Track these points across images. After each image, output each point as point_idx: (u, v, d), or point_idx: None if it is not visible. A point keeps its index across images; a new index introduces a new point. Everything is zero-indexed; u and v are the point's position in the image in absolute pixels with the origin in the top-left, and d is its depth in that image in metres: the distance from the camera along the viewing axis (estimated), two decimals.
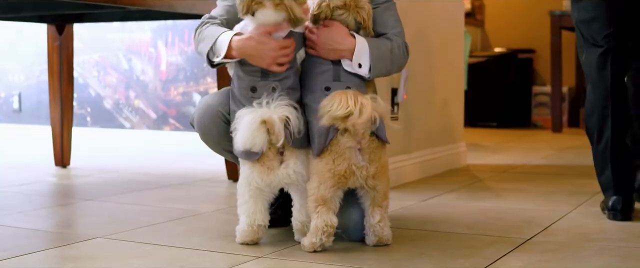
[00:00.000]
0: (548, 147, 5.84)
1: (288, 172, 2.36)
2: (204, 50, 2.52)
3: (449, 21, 4.50)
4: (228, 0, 2.68)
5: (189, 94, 5.71)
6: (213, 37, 2.49)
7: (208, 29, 2.56)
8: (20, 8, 3.83)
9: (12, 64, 6.53)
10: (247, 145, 2.30)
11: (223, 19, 2.62)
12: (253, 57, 2.43)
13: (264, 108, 2.32)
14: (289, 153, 2.37)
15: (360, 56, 2.47)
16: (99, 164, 4.64)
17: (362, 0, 2.49)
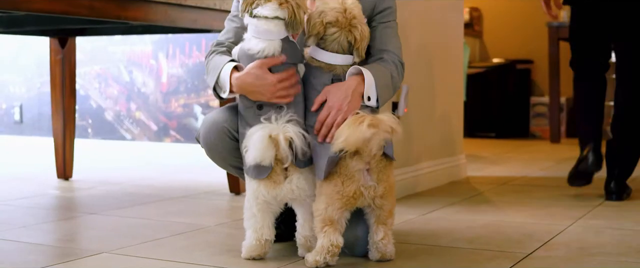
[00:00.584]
0: (547, 158, 5.86)
1: (291, 188, 2.37)
2: (210, 85, 2.55)
3: (448, 34, 4.53)
4: (236, 21, 2.70)
5: (190, 106, 5.74)
6: (216, 71, 2.51)
7: (213, 60, 2.57)
8: (23, 22, 3.86)
9: (14, 75, 6.55)
10: (258, 159, 2.32)
11: (230, 43, 2.64)
12: (253, 94, 2.44)
13: (273, 124, 2.34)
14: (293, 169, 2.39)
15: (369, 90, 2.48)
16: (101, 176, 4.66)
17: (356, 20, 2.49)
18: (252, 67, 2.43)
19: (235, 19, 2.71)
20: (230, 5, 3.70)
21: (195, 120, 5.73)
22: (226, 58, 2.54)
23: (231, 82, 2.47)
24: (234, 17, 2.72)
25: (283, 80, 2.42)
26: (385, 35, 2.68)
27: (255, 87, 2.42)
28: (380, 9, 2.70)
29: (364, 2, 2.63)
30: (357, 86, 2.46)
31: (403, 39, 2.84)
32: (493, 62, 8.43)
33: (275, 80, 2.41)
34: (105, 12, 3.17)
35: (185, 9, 3.57)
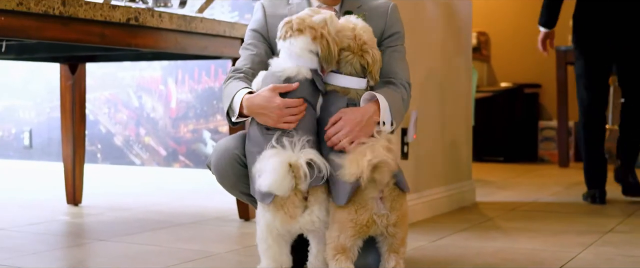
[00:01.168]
0: (556, 183, 5.85)
1: (312, 219, 2.35)
2: (225, 108, 2.57)
3: (457, 59, 4.55)
4: (251, 48, 2.73)
5: (199, 132, 5.75)
6: (230, 96, 2.54)
7: (229, 85, 2.60)
8: (35, 49, 3.89)
9: (24, 100, 6.58)
10: (273, 189, 2.29)
11: (247, 69, 2.67)
12: (259, 115, 2.46)
13: (288, 151, 2.32)
14: (314, 199, 2.36)
15: (384, 115, 2.50)
16: (111, 202, 4.67)
17: (367, 44, 2.51)
18: (263, 90, 2.46)
19: (250, 47, 2.73)
20: (240, 32, 3.74)
21: (204, 145, 5.74)
22: (242, 84, 2.58)
23: (242, 104, 2.50)
24: (249, 45, 2.75)
25: (290, 107, 2.43)
26: (393, 59, 2.71)
27: (262, 109, 2.44)
28: (389, 33, 2.73)
29: (374, 25, 2.66)
30: (373, 114, 2.48)
31: (412, 64, 2.85)
32: (501, 86, 8.43)
33: (281, 105, 2.42)
34: (116, 40, 3.20)
35: (195, 36, 3.59)
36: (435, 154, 4.25)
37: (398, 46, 2.74)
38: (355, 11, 2.71)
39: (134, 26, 3.25)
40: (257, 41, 2.74)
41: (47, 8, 2.84)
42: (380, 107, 2.49)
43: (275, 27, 2.66)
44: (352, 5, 2.75)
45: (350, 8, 2.74)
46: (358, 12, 2.71)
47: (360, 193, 2.32)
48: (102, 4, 3.07)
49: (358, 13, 2.68)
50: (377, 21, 2.71)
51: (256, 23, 2.78)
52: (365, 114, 2.47)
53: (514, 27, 8.81)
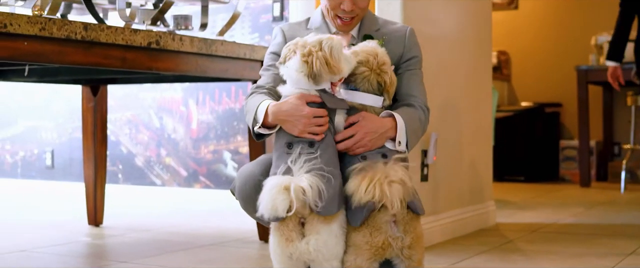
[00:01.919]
0: (577, 204, 5.82)
1: (308, 249, 2.31)
2: (249, 122, 2.58)
3: (477, 79, 4.54)
4: (271, 69, 2.74)
5: (219, 152, 5.77)
6: (254, 107, 2.55)
7: (252, 99, 2.61)
8: (57, 73, 3.93)
9: (46, 121, 6.64)
10: (265, 210, 2.27)
11: (270, 86, 2.68)
12: (286, 123, 2.45)
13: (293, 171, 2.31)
14: (310, 227, 2.32)
15: (400, 134, 2.51)
16: (132, 223, 4.69)
17: (385, 65, 2.52)
18: (291, 97, 2.47)
19: (271, 68, 2.75)
20: (260, 54, 3.76)
21: (224, 166, 5.76)
22: (266, 97, 2.58)
23: (267, 112, 2.49)
24: (269, 67, 2.76)
25: (317, 116, 2.44)
26: (411, 82, 2.73)
27: (290, 116, 2.44)
28: (407, 57, 2.75)
29: (392, 50, 2.68)
30: (389, 129, 2.51)
31: (431, 85, 2.86)
32: (521, 105, 8.41)
33: (310, 113, 2.42)
34: (137, 64, 3.22)
35: (215, 58, 3.61)
36: (455, 175, 4.24)
37: (416, 70, 2.76)
38: (374, 35, 2.72)
39: (154, 50, 3.28)
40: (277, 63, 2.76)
41: (69, 33, 2.87)
42: (397, 126, 2.51)
43: None
44: (370, 29, 2.77)
45: (368, 32, 2.75)
46: (376, 35, 2.72)
47: (374, 217, 2.33)
48: (123, 28, 3.09)
49: (377, 37, 2.70)
50: (395, 45, 2.72)
51: (276, 46, 2.80)
52: (382, 128, 2.49)
53: (534, 46, 8.80)
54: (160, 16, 3.57)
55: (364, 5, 2.70)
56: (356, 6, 2.68)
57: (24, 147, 6.77)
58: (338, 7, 2.68)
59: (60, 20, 2.85)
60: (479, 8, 4.54)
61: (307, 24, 2.84)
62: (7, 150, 6.86)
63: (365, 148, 2.47)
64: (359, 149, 2.47)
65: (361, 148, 2.47)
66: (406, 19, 3.70)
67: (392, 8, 3.71)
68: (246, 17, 5.63)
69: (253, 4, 5.61)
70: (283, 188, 2.25)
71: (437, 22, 4.04)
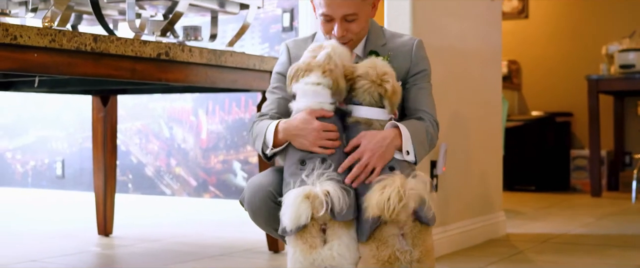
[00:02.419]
0: (588, 214, 5.80)
1: (332, 254, 2.34)
2: (258, 147, 2.59)
3: (487, 90, 4.54)
4: (278, 92, 2.74)
5: (229, 162, 5.78)
6: (263, 131, 2.56)
7: (257, 126, 2.62)
8: (67, 84, 3.94)
9: (56, 130, 6.66)
10: (290, 219, 2.30)
11: (273, 113, 2.68)
12: (296, 138, 2.47)
13: (308, 185, 2.33)
14: (332, 232, 2.35)
15: (407, 143, 2.51)
16: (141, 233, 4.69)
17: (387, 75, 2.51)
18: (300, 113, 2.49)
19: (276, 91, 2.75)
20: (270, 65, 3.76)
21: (234, 176, 5.76)
22: (271, 121, 2.59)
23: (277, 129, 2.51)
24: (275, 89, 2.76)
25: (327, 131, 2.45)
26: (420, 95, 2.72)
27: (300, 131, 2.45)
28: (415, 71, 2.73)
29: (399, 65, 2.68)
30: (393, 138, 2.49)
31: (440, 96, 2.86)
32: (532, 115, 8.39)
33: (320, 127, 2.44)
34: (146, 75, 3.23)
35: (225, 69, 3.62)
36: (464, 186, 4.23)
37: (424, 84, 2.74)
38: (379, 50, 2.71)
39: (164, 61, 3.29)
40: (283, 84, 2.75)
41: (79, 44, 2.89)
42: (402, 136, 2.50)
43: None
44: (376, 44, 2.75)
45: (374, 47, 2.74)
46: (382, 50, 2.71)
47: (381, 231, 2.33)
48: (132, 39, 3.10)
49: (383, 53, 2.69)
50: (402, 60, 2.71)
51: (281, 66, 2.80)
52: (385, 139, 2.48)
53: (545, 55, 8.79)
54: (169, 27, 3.58)
55: (356, 30, 2.67)
56: (348, 32, 2.65)
57: (35, 157, 6.79)
58: (330, 32, 2.66)
59: (70, 32, 2.86)
60: (489, 18, 4.54)
61: (312, 40, 2.84)
62: (18, 159, 6.88)
63: (375, 165, 2.44)
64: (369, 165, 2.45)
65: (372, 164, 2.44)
66: (415, 30, 3.70)
67: (401, 20, 3.71)
68: (256, 27, 5.64)
69: (263, 14, 5.62)
70: (304, 196, 2.28)
71: (446, 32, 4.04)
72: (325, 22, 2.66)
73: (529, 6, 8.91)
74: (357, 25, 2.66)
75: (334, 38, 2.66)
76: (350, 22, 2.64)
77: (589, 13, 8.56)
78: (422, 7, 3.79)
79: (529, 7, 8.91)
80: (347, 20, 2.63)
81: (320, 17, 2.66)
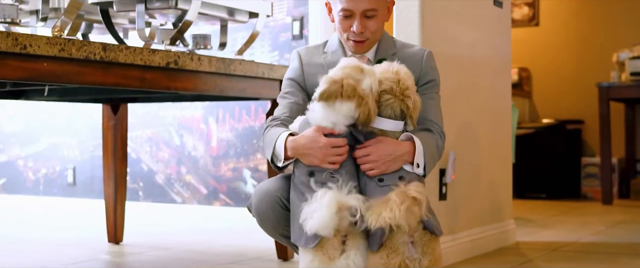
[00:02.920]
0: (598, 222, 5.78)
1: (348, 263, 2.34)
2: (268, 157, 2.61)
3: (496, 98, 4.53)
4: (289, 97, 2.76)
5: (239, 170, 5.79)
6: (272, 142, 2.57)
7: (269, 133, 2.63)
8: (77, 92, 3.96)
9: (68, 138, 6.68)
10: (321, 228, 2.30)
11: (286, 117, 2.70)
12: (304, 156, 2.48)
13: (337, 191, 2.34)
14: (351, 243, 2.37)
15: (418, 157, 2.52)
16: (151, 240, 4.70)
17: (409, 90, 2.53)
18: (308, 131, 2.50)
19: (288, 96, 2.77)
20: (279, 73, 3.77)
21: (244, 184, 5.77)
22: (282, 129, 2.61)
23: (286, 146, 2.52)
24: (286, 94, 2.79)
25: (335, 146, 2.46)
26: (428, 106, 2.73)
27: (308, 149, 2.46)
28: (424, 81, 2.76)
29: None
30: (406, 154, 2.51)
31: (449, 105, 2.87)
32: (543, 122, 8.37)
33: (327, 144, 2.45)
34: (155, 84, 3.24)
35: (234, 78, 3.63)
36: (473, 194, 4.23)
37: (433, 94, 2.76)
38: (389, 59, 2.72)
39: (173, 70, 3.30)
40: (295, 90, 2.79)
41: (88, 53, 2.90)
42: (416, 150, 2.51)
43: (311, 75, 2.72)
44: (387, 53, 2.77)
45: (384, 55, 2.76)
46: (392, 59, 2.72)
47: (391, 239, 2.34)
48: (141, 48, 3.12)
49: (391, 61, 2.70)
50: (411, 69, 2.71)
51: (293, 72, 2.83)
52: (398, 150, 2.50)
53: (555, 63, 8.77)
54: (179, 36, 3.60)
55: (374, 29, 2.71)
56: (367, 29, 2.70)
57: (46, 164, 6.82)
58: (348, 29, 2.70)
59: (79, 41, 2.88)
60: (499, 26, 4.54)
61: (324, 47, 2.86)
62: (29, 167, 6.91)
63: (379, 170, 2.47)
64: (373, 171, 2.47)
65: (376, 170, 2.47)
66: (424, 39, 3.71)
67: (410, 28, 3.71)
68: (266, 35, 5.66)
69: (273, 22, 5.64)
70: (339, 207, 2.29)
71: (455, 41, 4.04)
72: (343, 19, 2.70)
73: (540, 13, 8.90)
74: (375, 23, 2.70)
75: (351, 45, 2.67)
76: (369, 19, 2.69)
77: (599, 20, 8.54)
78: (431, 16, 3.80)
79: (540, 14, 8.90)
80: (367, 17, 2.68)
81: (339, 14, 2.70)
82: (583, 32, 8.64)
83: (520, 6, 8.92)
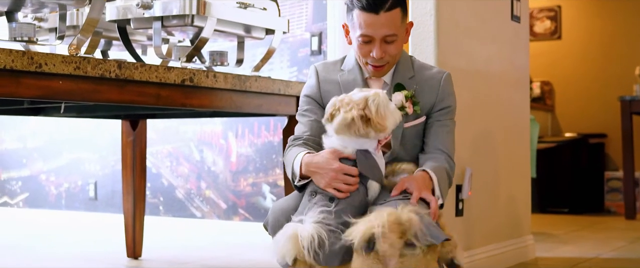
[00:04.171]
0: (620, 237, 5.73)
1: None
2: (289, 176, 2.62)
3: (514, 112, 4.52)
4: (309, 115, 2.76)
5: (258, 185, 5.80)
6: (291, 161, 2.59)
7: (289, 152, 2.66)
8: (95, 109, 4.00)
9: (89, 153, 6.73)
10: (278, 258, 2.33)
11: (307, 136, 2.71)
12: (314, 174, 2.49)
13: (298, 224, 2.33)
14: None
15: (436, 188, 2.56)
16: (170, 255, 4.72)
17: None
18: (325, 151, 2.51)
19: (307, 113, 2.78)
20: (295, 90, 3.78)
21: (263, 199, 5.78)
22: (301, 149, 2.62)
23: (301, 162, 2.53)
24: (305, 112, 2.79)
25: (346, 173, 2.45)
26: (440, 133, 2.74)
27: (319, 168, 2.47)
28: (439, 107, 2.76)
29: (425, 99, 2.71)
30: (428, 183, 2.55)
31: (466, 120, 2.86)
32: (565, 136, 8.34)
33: (339, 169, 2.45)
34: (171, 101, 3.26)
35: (250, 94, 3.64)
36: (491, 210, 4.21)
37: (447, 120, 2.76)
38: (406, 83, 2.72)
39: (188, 87, 3.31)
40: (313, 107, 2.79)
41: (104, 71, 2.92)
42: (433, 182, 2.56)
43: (328, 93, 2.73)
44: (404, 76, 2.76)
45: (402, 79, 2.75)
46: (410, 83, 2.72)
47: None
48: (157, 66, 3.14)
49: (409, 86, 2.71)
50: (428, 93, 2.73)
51: (310, 89, 2.83)
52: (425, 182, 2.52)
53: (578, 76, 8.73)
54: (195, 53, 3.62)
55: (394, 53, 2.70)
56: (386, 54, 2.68)
57: (68, 179, 6.87)
58: (368, 55, 2.69)
59: (95, 59, 2.90)
60: (516, 41, 4.53)
61: (341, 64, 2.85)
62: (52, 181, 6.97)
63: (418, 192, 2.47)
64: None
65: (416, 193, 2.47)
66: (440, 54, 3.71)
67: (425, 44, 3.72)
68: (285, 51, 5.68)
69: (291, 38, 5.65)
70: (290, 236, 2.27)
71: (471, 55, 4.03)
72: (363, 44, 2.68)
73: (562, 27, 8.87)
74: (395, 48, 2.69)
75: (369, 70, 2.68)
76: (389, 44, 2.67)
77: (621, 34, 8.50)
78: (446, 31, 3.80)
79: (562, 28, 8.87)
80: (387, 42, 2.66)
81: (358, 39, 2.68)
82: (605, 45, 8.60)
83: (542, 20, 8.90)
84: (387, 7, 2.63)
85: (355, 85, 2.70)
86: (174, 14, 3.40)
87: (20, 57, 2.64)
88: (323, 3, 5.55)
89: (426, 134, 2.75)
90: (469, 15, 4.02)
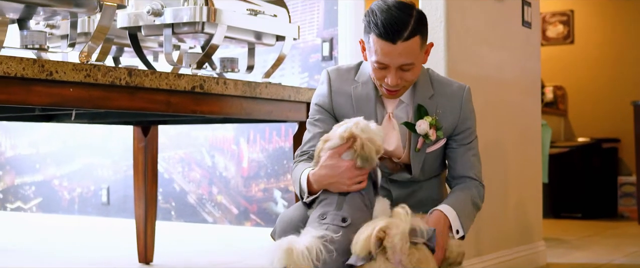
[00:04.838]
0: (632, 243, 5.71)
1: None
2: (297, 192, 2.58)
3: (525, 118, 4.51)
4: (319, 125, 2.72)
5: (269, 191, 5.81)
6: (297, 178, 2.55)
7: (296, 169, 2.61)
8: (106, 116, 4.02)
9: (102, 158, 6.76)
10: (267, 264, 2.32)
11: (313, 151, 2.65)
12: (331, 185, 2.44)
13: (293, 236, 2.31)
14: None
15: (455, 223, 2.54)
16: (181, 261, 4.73)
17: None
18: (324, 160, 2.45)
19: (318, 123, 2.73)
20: (305, 96, 3.78)
21: (274, 204, 5.79)
22: (306, 165, 2.57)
23: (309, 181, 2.49)
24: (316, 121, 2.74)
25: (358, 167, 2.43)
26: (466, 158, 2.72)
27: (332, 178, 2.43)
28: (461, 129, 2.72)
29: (447, 121, 2.67)
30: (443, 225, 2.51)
31: (478, 126, 2.84)
32: (578, 141, 8.31)
33: (350, 166, 2.42)
34: (181, 107, 3.27)
35: (260, 101, 3.65)
36: (500, 215, 4.20)
37: (472, 143, 2.74)
38: (426, 103, 2.67)
39: (198, 93, 3.33)
40: (324, 116, 2.74)
41: (114, 79, 2.94)
42: (449, 218, 2.52)
43: (340, 105, 2.69)
44: (424, 96, 2.69)
45: (422, 99, 2.68)
46: (430, 104, 2.67)
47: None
48: (167, 73, 3.15)
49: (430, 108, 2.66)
50: (450, 116, 2.69)
51: (321, 98, 2.77)
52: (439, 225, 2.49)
53: (591, 81, 8.70)
54: (206, 59, 3.63)
55: (411, 79, 2.61)
56: (402, 80, 2.58)
57: (81, 184, 6.90)
58: (382, 79, 2.60)
59: (105, 67, 2.91)
60: (527, 47, 4.52)
61: (356, 74, 2.75)
62: (64, 186, 7.00)
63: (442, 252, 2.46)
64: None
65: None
66: (450, 61, 3.71)
67: (436, 50, 3.71)
68: (296, 56, 5.69)
69: (303, 44, 5.66)
70: (283, 249, 2.26)
71: (482, 62, 4.03)
72: (378, 69, 2.58)
73: (575, 32, 8.84)
74: (412, 74, 2.59)
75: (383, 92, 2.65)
76: (405, 71, 2.57)
77: (634, 38, 8.47)
78: (457, 38, 3.80)
79: (575, 32, 8.84)
80: (403, 70, 2.56)
81: (374, 64, 2.58)
82: (618, 50, 8.57)
83: (555, 24, 8.88)
84: (405, 37, 2.50)
85: (367, 102, 2.67)
86: (184, 21, 3.41)
87: (31, 65, 2.66)
88: (334, 9, 5.56)
89: (452, 157, 2.72)
90: (479, 21, 4.02)
